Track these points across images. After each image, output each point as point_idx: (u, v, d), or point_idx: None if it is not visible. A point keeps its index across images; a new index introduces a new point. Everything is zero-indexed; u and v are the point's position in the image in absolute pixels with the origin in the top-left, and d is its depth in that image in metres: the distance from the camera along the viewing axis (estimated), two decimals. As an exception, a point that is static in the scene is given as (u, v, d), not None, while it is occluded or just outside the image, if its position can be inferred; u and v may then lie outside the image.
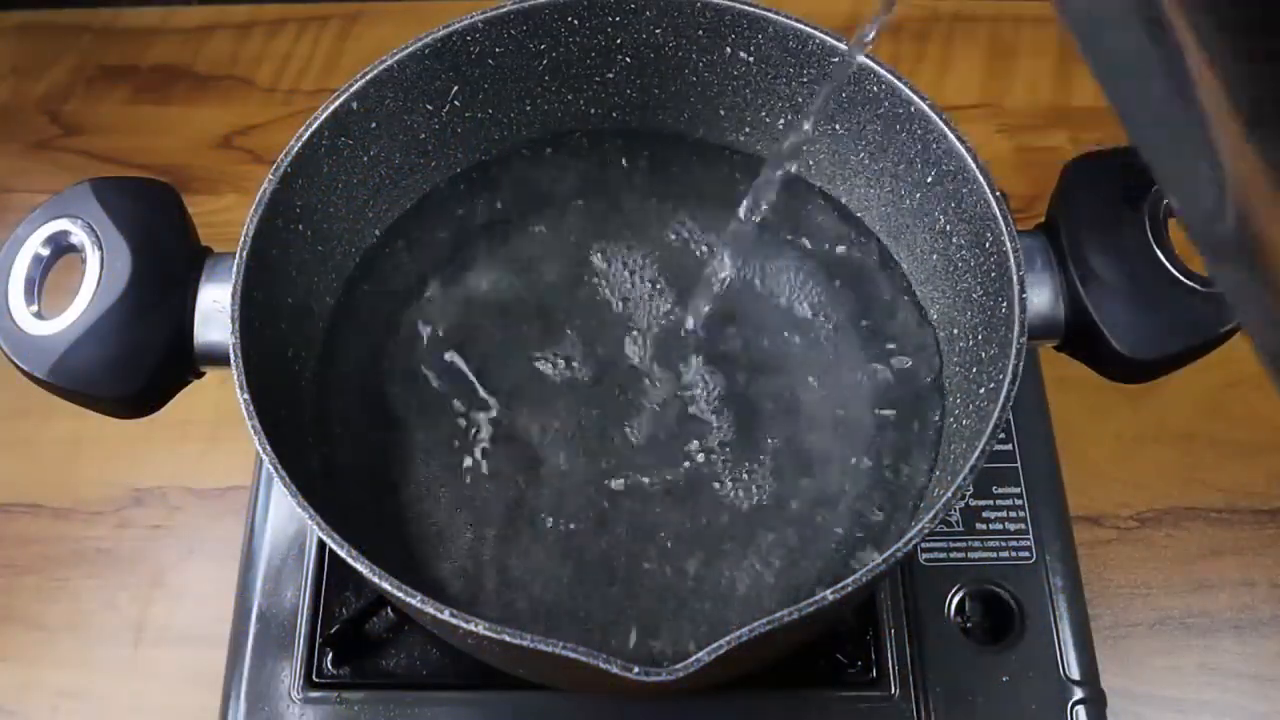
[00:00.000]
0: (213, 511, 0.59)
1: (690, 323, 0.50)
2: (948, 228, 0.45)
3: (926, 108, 0.43)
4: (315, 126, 0.43)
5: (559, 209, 0.54)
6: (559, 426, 0.48)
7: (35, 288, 0.41)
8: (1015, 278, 0.39)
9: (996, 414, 0.37)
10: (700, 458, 0.47)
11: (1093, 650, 0.47)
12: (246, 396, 0.37)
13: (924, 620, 0.47)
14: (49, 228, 0.42)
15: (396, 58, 0.45)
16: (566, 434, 0.48)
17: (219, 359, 0.41)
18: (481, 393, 0.49)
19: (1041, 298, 0.42)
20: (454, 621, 0.33)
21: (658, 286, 0.52)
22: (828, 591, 0.33)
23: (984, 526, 0.49)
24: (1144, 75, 0.19)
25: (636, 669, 0.31)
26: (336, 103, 0.43)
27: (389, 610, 0.47)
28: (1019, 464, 0.51)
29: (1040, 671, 0.46)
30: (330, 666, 0.47)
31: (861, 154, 0.48)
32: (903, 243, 0.49)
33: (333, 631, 0.47)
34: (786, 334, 0.50)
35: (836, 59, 0.44)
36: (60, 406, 0.42)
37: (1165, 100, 0.19)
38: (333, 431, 0.47)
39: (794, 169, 0.51)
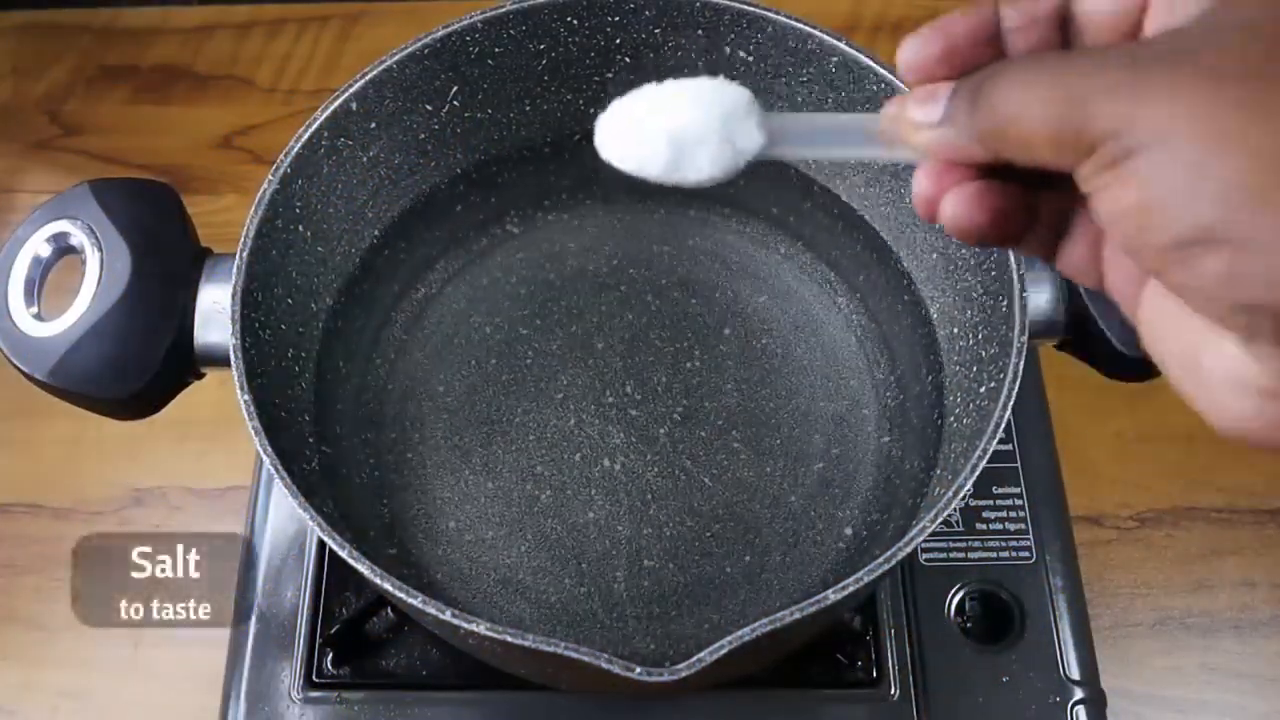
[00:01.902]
0: (213, 511, 0.59)
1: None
2: (948, 227, 0.45)
3: (926, 107, 0.42)
4: (315, 127, 0.43)
5: (559, 208, 0.54)
6: (560, 424, 0.48)
7: (35, 289, 0.41)
8: (1016, 276, 0.39)
9: (997, 413, 0.37)
10: (702, 456, 0.47)
11: (1093, 650, 0.47)
12: (247, 397, 0.37)
13: (924, 620, 0.47)
14: (49, 229, 0.42)
15: (396, 58, 0.45)
16: (567, 431, 0.48)
17: (219, 359, 0.40)
18: (482, 391, 0.49)
19: (1042, 296, 0.42)
20: (456, 622, 0.33)
21: (663, 280, 0.52)
22: (829, 591, 0.33)
23: (984, 526, 0.49)
24: None
25: (638, 669, 0.31)
26: (336, 103, 0.43)
27: (389, 610, 0.47)
28: (1019, 464, 0.51)
29: (1040, 671, 0.46)
30: (330, 666, 0.47)
31: (861, 153, 0.48)
32: (903, 241, 0.49)
33: (333, 631, 0.46)
34: (786, 333, 0.50)
35: (836, 58, 0.44)
36: (60, 406, 0.42)
37: None
38: (333, 431, 0.47)
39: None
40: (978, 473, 0.36)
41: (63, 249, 0.42)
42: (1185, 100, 0.19)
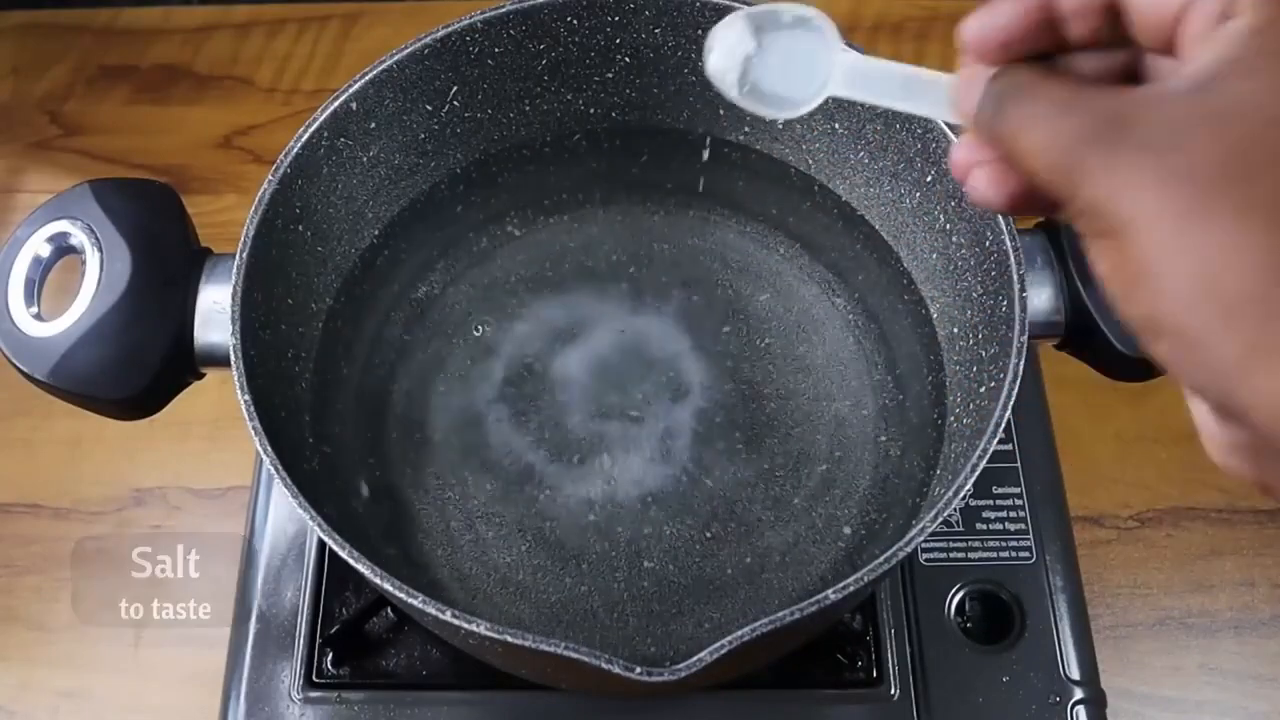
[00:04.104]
0: (213, 511, 0.59)
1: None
2: (948, 226, 0.45)
3: (926, 107, 0.42)
4: (315, 127, 0.43)
5: (559, 208, 0.54)
6: (560, 424, 0.48)
7: (35, 289, 0.41)
8: (1015, 276, 0.39)
9: (997, 413, 0.37)
10: (702, 456, 0.47)
11: (1093, 650, 0.47)
12: (247, 397, 0.37)
13: (924, 620, 0.47)
14: (48, 229, 0.42)
15: (396, 58, 0.45)
16: (567, 431, 0.48)
17: (219, 360, 0.40)
18: (481, 391, 0.49)
19: (1042, 296, 0.42)
20: (456, 622, 0.33)
21: (663, 279, 0.52)
22: (829, 591, 0.33)
23: (984, 526, 0.49)
24: None
25: (639, 669, 0.31)
26: (336, 103, 0.43)
27: (389, 610, 0.47)
28: (1019, 464, 0.51)
29: (1040, 671, 0.46)
30: (330, 666, 0.47)
31: (861, 153, 0.48)
32: (903, 241, 0.49)
33: (333, 631, 0.46)
34: (787, 333, 0.50)
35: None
36: (60, 406, 0.42)
37: None
38: (333, 431, 0.47)
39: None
40: (978, 473, 0.36)
41: (63, 249, 0.42)
42: (1152, 203, 0.20)
